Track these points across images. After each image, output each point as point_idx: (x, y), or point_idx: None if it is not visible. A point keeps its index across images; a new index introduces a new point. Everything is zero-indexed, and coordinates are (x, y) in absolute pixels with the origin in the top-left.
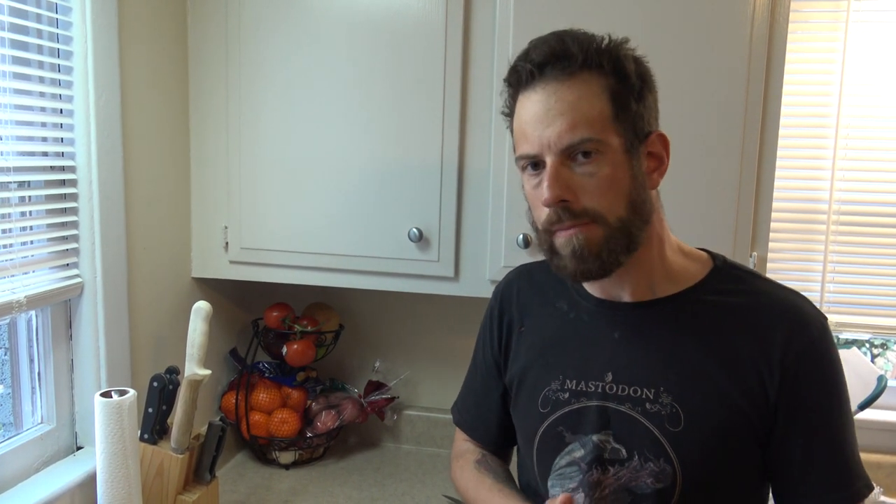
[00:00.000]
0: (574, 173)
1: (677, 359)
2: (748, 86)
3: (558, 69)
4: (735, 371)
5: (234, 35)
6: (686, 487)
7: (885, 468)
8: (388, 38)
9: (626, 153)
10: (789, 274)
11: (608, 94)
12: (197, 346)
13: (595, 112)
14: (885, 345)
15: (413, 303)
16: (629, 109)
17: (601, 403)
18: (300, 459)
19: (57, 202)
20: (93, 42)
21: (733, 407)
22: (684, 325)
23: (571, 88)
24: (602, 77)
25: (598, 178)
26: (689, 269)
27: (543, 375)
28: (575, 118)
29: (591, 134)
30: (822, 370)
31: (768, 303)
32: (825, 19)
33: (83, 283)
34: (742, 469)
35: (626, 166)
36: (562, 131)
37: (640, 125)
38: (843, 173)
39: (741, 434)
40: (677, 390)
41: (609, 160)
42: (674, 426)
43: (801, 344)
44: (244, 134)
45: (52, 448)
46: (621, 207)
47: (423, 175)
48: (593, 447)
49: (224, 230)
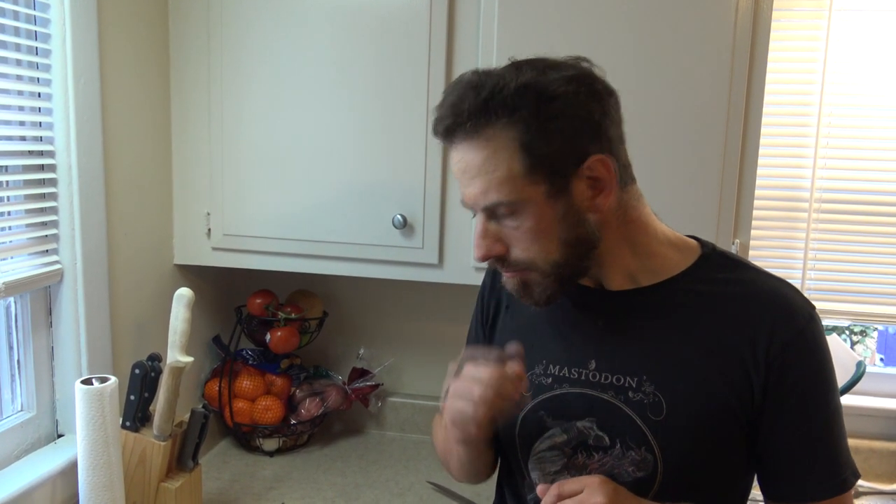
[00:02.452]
0: (501, 227)
1: (660, 348)
2: (732, 74)
3: (462, 131)
4: (719, 361)
5: (216, 19)
6: (667, 476)
7: (863, 453)
8: (372, 23)
9: (549, 199)
10: (771, 261)
11: (515, 145)
12: (179, 333)
13: (502, 172)
14: (864, 332)
15: (397, 290)
16: (542, 153)
17: (583, 391)
18: (284, 446)
19: (36, 187)
20: (71, 24)
21: (716, 397)
22: (668, 314)
23: (477, 149)
24: (503, 129)
25: (523, 231)
26: (675, 258)
27: (527, 359)
28: (484, 183)
29: (500, 197)
30: (809, 360)
31: (755, 292)
32: (808, 7)
33: (63, 269)
34: (724, 459)
35: (552, 212)
36: (477, 195)
37: (560, 163)
38: (825, 161)
39: (724, 424)
40: (660, 379)
41: (530, 212)
42: (656, 415)
43: (787, 334)
44: (227, 119)
45: (33, 436)
46: (553, 252)
47: (407, 161)
48: (577, 433)
49: (206, 216)
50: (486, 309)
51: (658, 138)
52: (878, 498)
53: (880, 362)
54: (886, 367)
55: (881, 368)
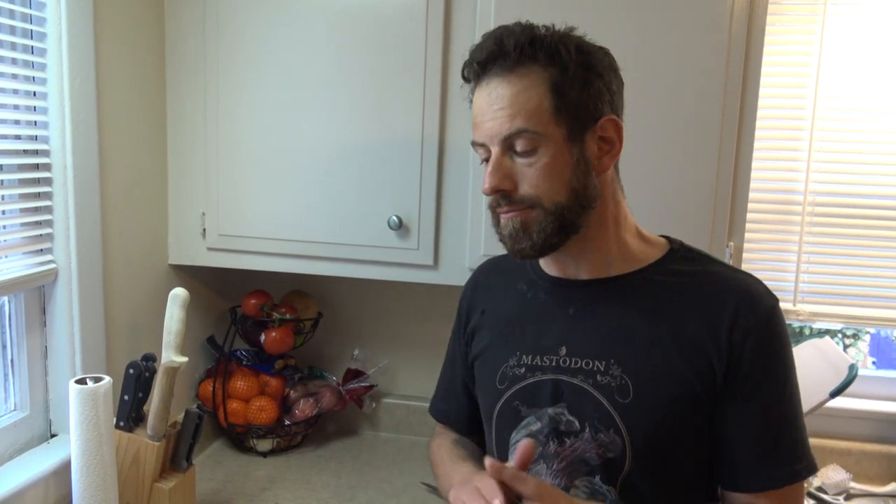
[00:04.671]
0: (514, 163)
1: (628, 333)
2: (727, 78)
3: (498, 65)
4: (684, 346)
5: (211, 19)
6: (635, 458)
7: (855, 455)
8: (369, 22)
9: (567, 142)
10: (764, 264)
11: (547, 85)
12: (174, 333)
13: (533, 105)
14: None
15: (392, 291)
16: (570, 99)
17: (555, 377)
18: (278, 447)
19: (30, 186)
20: (67, 23)
21: (682, 381)
22: (636, 301)
23: (510, 83)
24: (540, 69)
25: (537, 168)
26: (646, 251)
27: (502, 353)
28: (513, 112)
29: (527, 125)
30: (767, 348)
31: (720, 282)
32: (802, 12)
33: (57, 268)
34: (691, 442)
35: (567, 155)
36: (502, 123)
37: (583, 113)
38: (819, 165)
39: (689, 407)
40: (627, 362)
41: (548, 150)
42: (623, 397)
43: (748, 321)
44: (222, 119)
45: (26, 435)
46: (560, 194)
47: (403, 162)
48: (549, 420)
49: (202, 216)
50: (464, 322)
51: (653, 140)
52: (870, 500)
53: (872, 365)
54: (878, 371)
55: (873, 371)
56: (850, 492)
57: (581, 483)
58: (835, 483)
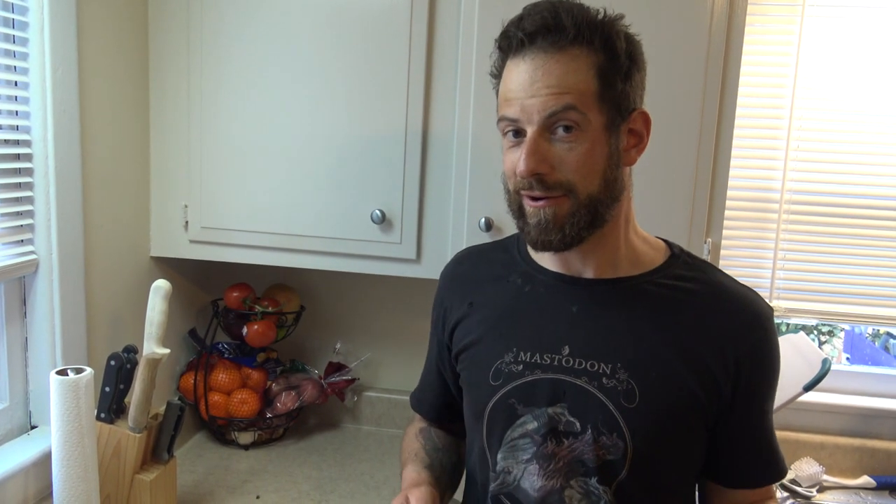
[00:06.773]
0: (552, 146)
1: (635, 337)
2: (706, 77)
3: (548, 41)
4: (690, 355)
5: (195, 10)
6: (635, 462)
7: (828, 448)
8: (353, 16)
9: (606, 130)
10: (741, 260)
11: (595, 70)
12: (156, 324)
13: (581, 87)
14: (831, 332)
15: (375, 285)
16: (615, 88)
17: (556, 376)
18: (259, 440)
19: (11, 177)
20: (49, 13)
21: (686, 389)
22: (643, 305)
23: (560, 62)
24: (591, 53)
25: (576, 153)
26: (649, 254)
27: (495, 348)
28: (562, 88)
29: (575, 103)
30: (768, 361)
31: (726, 295)
32: (781, 12)
33: (38, 259)
34: (690, 449)
35: (605, 143)
36: (546, 101)
37: (624, 104)
38: (796, 164)
39: (692, 415)
40: (634, 367)
41: (588, 136)
42: (629, 402)
43: (755, 338)
44: (205, 111)
45: (6, 427)
46: (594, 184)
47: (386, 156)
48: (548, 419)
49: (184, 209)
50: (442, 312)
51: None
52: (842, 492)
53: (846, 361)
54: (852, 366)
55: (847, 367)
56: (822, 484)
57: (576, 483)
58: (808, 476)
